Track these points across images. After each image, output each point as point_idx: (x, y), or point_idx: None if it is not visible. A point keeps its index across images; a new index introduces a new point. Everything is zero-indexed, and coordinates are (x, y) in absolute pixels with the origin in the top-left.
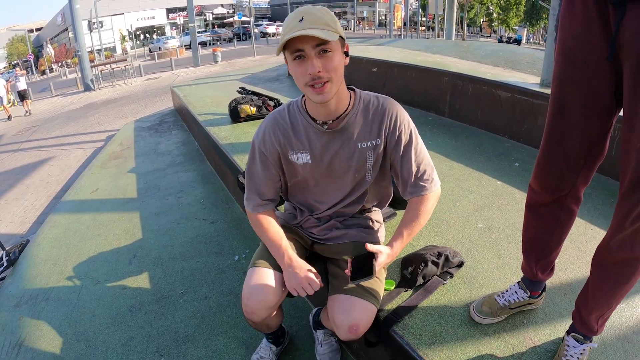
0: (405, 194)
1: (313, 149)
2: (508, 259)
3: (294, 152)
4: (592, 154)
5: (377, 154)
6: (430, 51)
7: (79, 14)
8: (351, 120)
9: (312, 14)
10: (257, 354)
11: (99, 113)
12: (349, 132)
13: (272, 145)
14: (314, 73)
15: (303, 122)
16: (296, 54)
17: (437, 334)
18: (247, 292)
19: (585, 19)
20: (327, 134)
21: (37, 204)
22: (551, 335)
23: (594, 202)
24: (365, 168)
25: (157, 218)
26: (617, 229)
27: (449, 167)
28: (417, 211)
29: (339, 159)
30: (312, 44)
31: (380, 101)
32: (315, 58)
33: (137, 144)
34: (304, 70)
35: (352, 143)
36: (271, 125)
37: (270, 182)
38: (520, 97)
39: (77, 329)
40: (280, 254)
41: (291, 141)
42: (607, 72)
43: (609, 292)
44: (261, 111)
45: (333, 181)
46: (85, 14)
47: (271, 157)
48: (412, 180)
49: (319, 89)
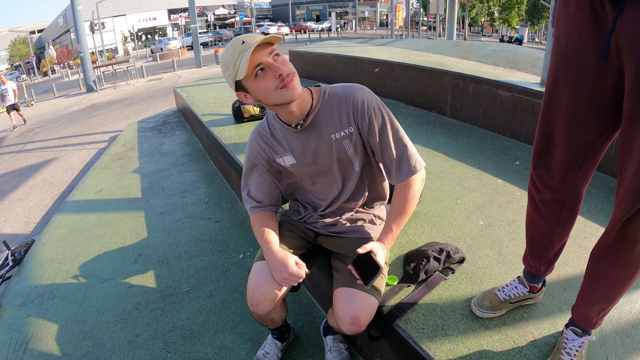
0: (392, 179)
1: (294, 150)
2: (508, 255)
3: (279, 156)
4: (591, 154)
5: (354, 142)
6: (431, 51)
7: (80, 16)
8: (318, 115)
9: (249, 36)
10: (262, 349)
11: (101, 114)
12: (320, 127)
13: (259, 154)
14: (283, 73)
15: (279, 128)
16: (257, 69)
17: (439, 327)
18: (251, 285)
19: (578, 17)
20: (301, 133)
21: (42, 204)
22: (551, 329)
23: (593, 200)
24: (347, 157)
25: (162, 217)
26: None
27: (450, 165)
28: (403, 199)
29: (320, 154)
30: (266, 53)
31: (346, 89)
32: (273, 62)
33: (140, 145)
34: (270, 77)
35: (326, 136)
36: (255, 136)
37: (265, 189)
38: (521, 96)
39: (84, 327)
40: (266, 250)
41: (274, 147)
42: (604, 72)
43: (614, 285)
44: (264, 111)
45: (324, 176)
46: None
47: (262, 165)
48: (395, 164)
49: (289, 85)
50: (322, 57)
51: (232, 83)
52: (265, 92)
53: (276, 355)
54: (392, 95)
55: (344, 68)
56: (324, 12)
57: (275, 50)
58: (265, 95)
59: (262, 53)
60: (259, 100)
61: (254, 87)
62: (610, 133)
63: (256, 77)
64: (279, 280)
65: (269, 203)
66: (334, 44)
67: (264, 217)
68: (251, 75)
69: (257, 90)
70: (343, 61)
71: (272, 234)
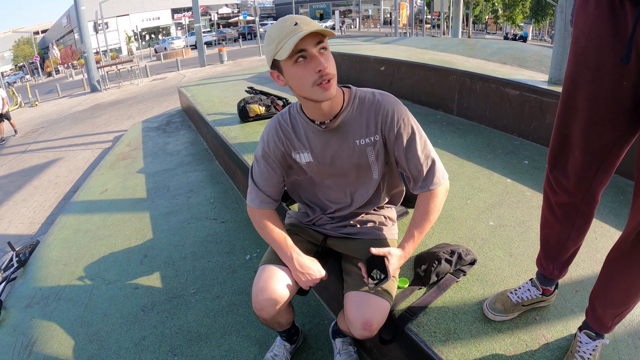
0: (415, 188)
1: (313, 149)
2: (519, 256)
3: (297, 152)
4: (608, 158)
5: (377, 150)
6: (437, 49)
7: (84, 16)
8: (347, 118)
9: (303, 18)
10: (271, 352)
11: (106, 114)
12: (345, 130)
13: (275, 146)
14: (324, 69)
15: (302, 123)
16: (299, 54)
17: (451, 331)
18: (256, 289)
19: (597, 17)
20: (325, 133)
21: (46, 204)
22: (563, 332)
23: (603, 200)
24: (367, 164)
25: (167, 218)
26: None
27: (459, 165)
28: (427, 208)
29: (340, 157)
30: (314, 42)
31: (377, 97)
32: (319, 55)
33: (145, 145)
34: (310, 69)
35: (350, 141)
36: (274, 127)
37: (273, 181)
38: (529, 95)
39: (89, 329)
40: (286, 253)
41: (293, 142)
42: (623, 74)
43: (629, 291)
44: (270, 110)
45: (338, 179)
46: (90, 16)
47: (275, 158)
48: (420, 175)
49: (326, 85)
50: None
51: (269, 59)
52: (300, 83)
53: (285, 357)
54: (398, 94)
55: (349, 67)
56: (327, 11)
57: (324, 44)
58: (299, 85)
59: (310, 41)
60: (291, 86)
61: (290, 72)
62: (628, 137)
63: (296, 62)
64: (303, 280)
65: (273, 198)
66: (338, 42)
67: (273, 218)
68: (291, 60)
69: (293, 77)
70: (348, 59)
71: (288, 238)
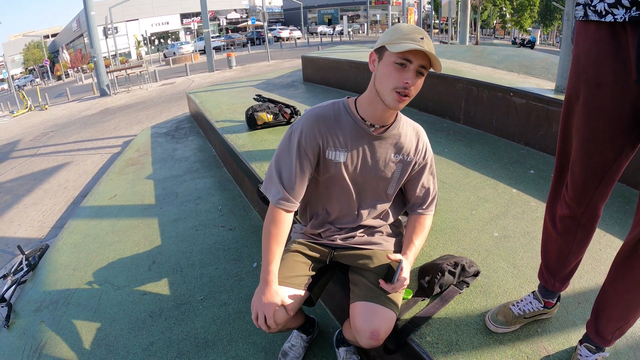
0: (414, 209)
1: (352, 149)
2: (523, 268)
3: (332, 149)
4: (608, 174)
5: (403, 170)
6: (444, 56)
7: (94, 21)
8: (393, 132)
9: (429, 40)
10: (288, 342)
11: (115, 118)
12: (389, 142)
13: (314, 138)
14: (409, 85)
15: (348, 122)
16: (402, 60)
17: (453, 342)
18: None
19: (598, 37)
20: (370, 137)
21: (55, 208)
22: (565, 344)
23: (608, 210)
24: (390, 180)
25: (175, 224)
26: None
27: (464, 175)
28: (423, 225)
29: (371, 165)
30: (420, 62)
31: (418, 127)
32: (415, 74)
33: (154, 150)
34: (401, 76)
35: (388, 153)
36: (315, 118)
37: (300, 179)
38: (535, 103)
39: (98, 334)
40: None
41: (333, 137)
42: (623, 92)
43: (629, 305)
44: (278, 118)
45: (358, 188)
46: (100, 20)
47: (311, 150)
48: (424, 201)
49: (402, 97)
50: (335, 63)
51: (380, 43)
52: (385, 79)
53: (302, 347)
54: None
55: (356, 74)
56: (335, 16)
57: (425, 70)
58: (383, 81)
59: (420, 58)
60: (376, 75)
61: (386, 66)
62: (628, 153)
63: (396, 63)
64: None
65: (296, 198)
66: (346, 48)
67: (286, 220)
68: (396, 57)
69: (384, 71)
70: (356, 67)
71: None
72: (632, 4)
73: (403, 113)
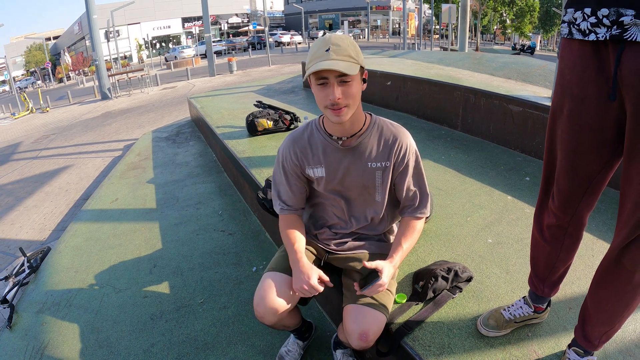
0: (404, 212)
1: (328, 164)
2: (516, 273)
3: (311, 167)
4: (593, 184)
5: (385, 175)
6: (443, 64)
7: (96, 24)
8: (364, 140)
9: (338, 45)
10: (285, 346)
11: (116, 122)
12: (361, 151)
13: (292, 161)
14: (333, 100)
15: (320, 139)
16: (320, 80)
17: (445, 345)
18: (257, 298)
19: (582, 53)
20: (341, 150)
21: (57, 211)
22: (555, 349)
23: (602, 217)
24: (374, 186)
25: (176, 229)
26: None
27: (461, 182)
28: (414, 228)
29: (351, 175)
30: (335, 74)
31: (395, 128)
32: (336, 86)
33: (155, 155)
34: (325, 94)
35: (363, 161)
36: (291, 143)
37: (293, 193)
38: (532, 111)
39: (99, 336)
40: (292, 255)
41: (308, 157)
42: (606, 107)
43: (613, 311)
44: (277, 125)
45: (344, 197)
46: (102, 23)
47: (293, 172)
48: (415, 204)
49: (337, 111)
50: None
51: (305, 70)
52: (317, 100)
53: (298, 353)
54: (404, 109)
55: None
56: (336, 21)
57: (346, 77)
58: (317, 101)
59: (332, 71)
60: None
61: (313, 88)
62: (612, 165)
63: (318, 84)
64: (296, 288)
65: (296, 207)
66: None
67: (292, 220)
68: (314, 78)
69: (314, 92)
70: None
71: (299, 241)
72: (612, 24)
73: (401, 118)
